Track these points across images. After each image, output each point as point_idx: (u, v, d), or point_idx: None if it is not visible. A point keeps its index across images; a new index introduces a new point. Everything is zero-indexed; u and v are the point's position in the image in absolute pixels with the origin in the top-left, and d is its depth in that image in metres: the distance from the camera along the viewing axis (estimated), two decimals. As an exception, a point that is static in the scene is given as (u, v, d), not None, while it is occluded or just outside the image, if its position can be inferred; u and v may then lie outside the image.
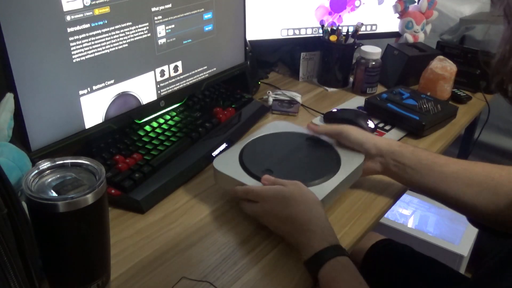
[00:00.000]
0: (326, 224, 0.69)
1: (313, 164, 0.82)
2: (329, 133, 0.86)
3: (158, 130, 0.93)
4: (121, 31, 0.84)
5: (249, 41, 1.18)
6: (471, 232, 1.55)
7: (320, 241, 0.66)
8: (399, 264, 0.96)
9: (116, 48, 0.84)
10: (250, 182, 0.76)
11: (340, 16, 1.34)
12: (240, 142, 0.86)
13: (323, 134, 0.87)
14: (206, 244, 0.73)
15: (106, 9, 0.81)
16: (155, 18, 0.90)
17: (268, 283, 0.66)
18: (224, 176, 0.78)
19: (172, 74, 0.98)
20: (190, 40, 0.99)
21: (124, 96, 0.89)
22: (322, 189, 0.75)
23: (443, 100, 1.18)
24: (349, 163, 0.81)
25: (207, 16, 1.01)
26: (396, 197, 0.87)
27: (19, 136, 0.73)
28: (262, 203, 0.72)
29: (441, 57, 1.23)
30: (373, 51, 1.23)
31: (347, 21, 1.34)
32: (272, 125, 0.92)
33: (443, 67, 1.19)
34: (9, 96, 0.69)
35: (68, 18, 0.75)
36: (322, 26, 1.28)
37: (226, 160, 0.81)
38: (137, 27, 0.87)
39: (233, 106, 1.06)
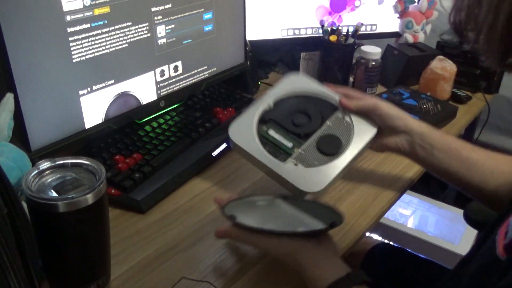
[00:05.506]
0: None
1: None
2: (362, 111, 0.83)
3: (158, 130, 0.93)
4: (121, 31, 0.84)
5: (249, 41, 1.18)
6: (471, 232, 1.54)
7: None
8: (395, 268, 0.96)
9: (116, 48, 0.84)
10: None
11: (340, 16, 1.34)
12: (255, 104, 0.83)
13: (355, 111, 0.83)
14: (206, 244, 0.73)
15: (106, 9, 0.81)
16: (155, 18, 0.90)
17: (268, 284, 0.66)
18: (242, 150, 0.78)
19: (172, 74, 0.98)
20: (190, 40, 0.99)
21: (124, 96, 0.89)
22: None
23: (443, 100, 1.18)
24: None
25: (207, 16, 1.01)
26: (396, 197, 0.87)
27: (19, 136, 0.73)
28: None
29: (441, 57, 1.23)
30: (373, 51, 1.23)
31: (347, 21, 1.34)
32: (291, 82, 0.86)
33: (443, 67, 1.19)
34: (9, 96, 0.69)
35: (68, 18, 0.75)
36: (322, 26, 1.28)
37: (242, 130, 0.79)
38: (137, 27, 0.87)
39: (233, 106, 1.06)
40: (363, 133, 0.80)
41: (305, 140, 0.79)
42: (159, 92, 0.96)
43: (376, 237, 1.52)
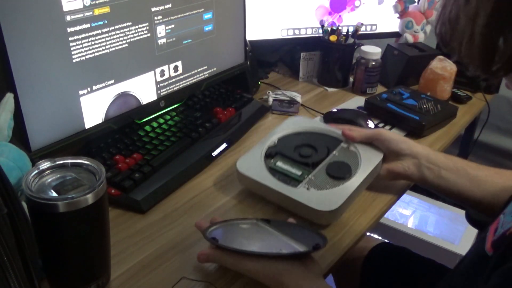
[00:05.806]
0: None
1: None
2: (365, 139, 0.85)
3: (158, 130, 0.93)
4: (121, 31, 0.84)
5: (249, 41, 1.18)
6: (471, 232, 1.54)
7: None
8: (397, 267, 0.96)
9: (116, 48, 0.84)
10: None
11: (340, 16, 1.34)
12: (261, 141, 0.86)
13: (359, 141, 0.85)
14: (206, 244, 0.72)
15: (106, 9, 0.81)
16: (155, 18, 0.90)
17: (268, 283, 0.66)
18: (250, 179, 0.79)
19: (172, 74, 0.98)
20: (190, 40, 0.99)
21: (124, 96, 0.89)
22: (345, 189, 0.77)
23: (443, 100, 1.18)
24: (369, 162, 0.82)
25: (207, 16, 1.01)
26: (396, 197, 0.87)
27: (19, 136, 0.73)
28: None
29: (441, 57, 1.23)
30: (373, 51, 1.23)
31: (347, 21, 1.34)
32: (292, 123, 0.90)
33: (443, 67, 1.19)
34: (9, 96, 0.69)
35: (68, 18, 0.75)
36: (322, 26, 1.28)
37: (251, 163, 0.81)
38: (137, 27, 0.87)
39: (233, 106, 1.06)
40: (370, 159, 0.83)
41: (314, 168, 0.81)
42: (159, 92, 0.96)
43: (376, 237, 1.52)
